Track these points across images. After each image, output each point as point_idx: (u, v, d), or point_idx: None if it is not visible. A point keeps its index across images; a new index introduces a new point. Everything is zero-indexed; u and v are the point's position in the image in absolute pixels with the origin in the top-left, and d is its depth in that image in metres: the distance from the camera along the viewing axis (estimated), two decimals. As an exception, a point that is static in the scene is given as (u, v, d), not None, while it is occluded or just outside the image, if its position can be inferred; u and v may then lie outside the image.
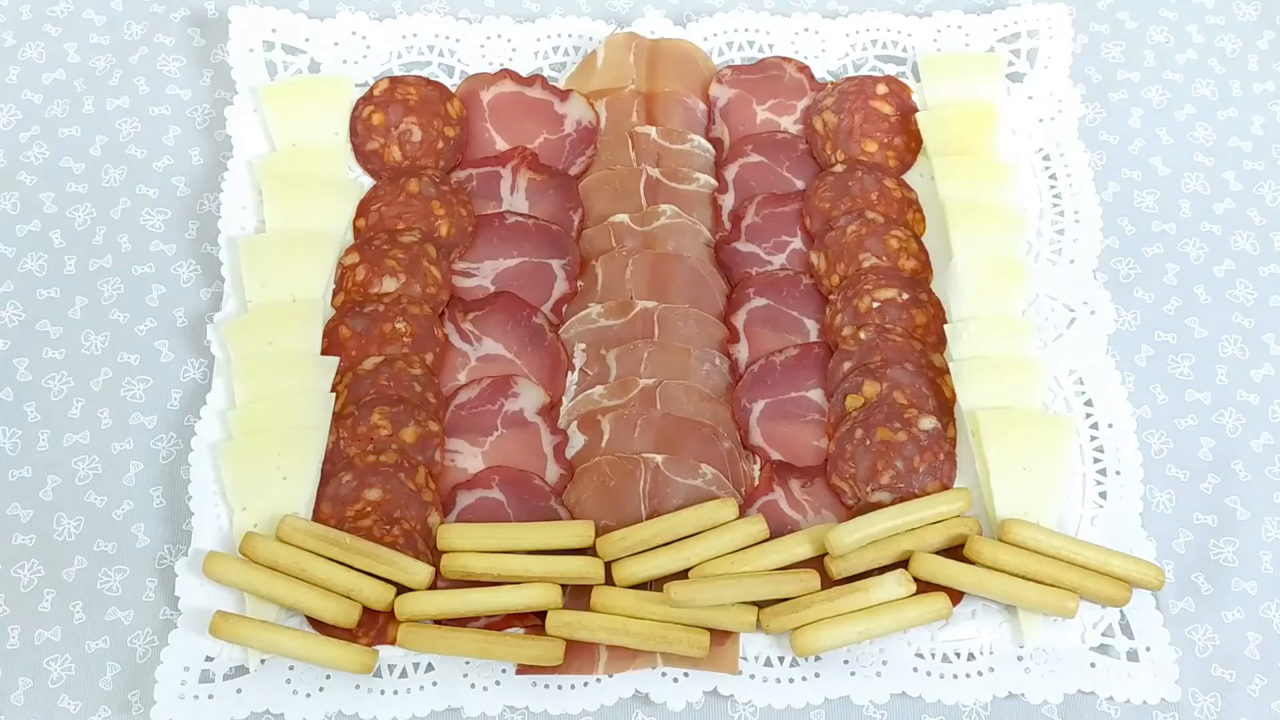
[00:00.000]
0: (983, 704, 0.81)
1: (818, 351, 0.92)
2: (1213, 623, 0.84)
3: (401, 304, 0.91)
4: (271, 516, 0.84)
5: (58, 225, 0.96)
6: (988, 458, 0.86)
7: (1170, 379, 0.92)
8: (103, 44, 1.04)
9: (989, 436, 0.86)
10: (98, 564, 0.85)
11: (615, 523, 0.85)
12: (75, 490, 0.87)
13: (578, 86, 1.02)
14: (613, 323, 0.92)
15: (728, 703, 0.81)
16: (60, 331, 0.92)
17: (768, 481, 0.88)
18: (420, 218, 0.95)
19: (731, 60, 1.04)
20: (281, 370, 0.89)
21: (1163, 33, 1.06)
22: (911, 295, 0.92)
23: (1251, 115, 1.02)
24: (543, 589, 0.81)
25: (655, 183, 0.97)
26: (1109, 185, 0.99)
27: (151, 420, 0.90)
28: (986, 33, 1.04)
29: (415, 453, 0.87)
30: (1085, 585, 0.81)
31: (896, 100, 1.01)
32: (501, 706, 0.81)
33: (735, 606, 0.81)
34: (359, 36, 1.03)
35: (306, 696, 0.80)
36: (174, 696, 0.80)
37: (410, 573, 0.82)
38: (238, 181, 0.96)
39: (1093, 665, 0.82)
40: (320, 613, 0.81)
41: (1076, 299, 0.93)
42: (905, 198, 0.97)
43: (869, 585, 0.81)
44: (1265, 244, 0.97)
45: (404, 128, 0.99)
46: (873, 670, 0.81)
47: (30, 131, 1.00)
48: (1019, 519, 0.83)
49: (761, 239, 0.96)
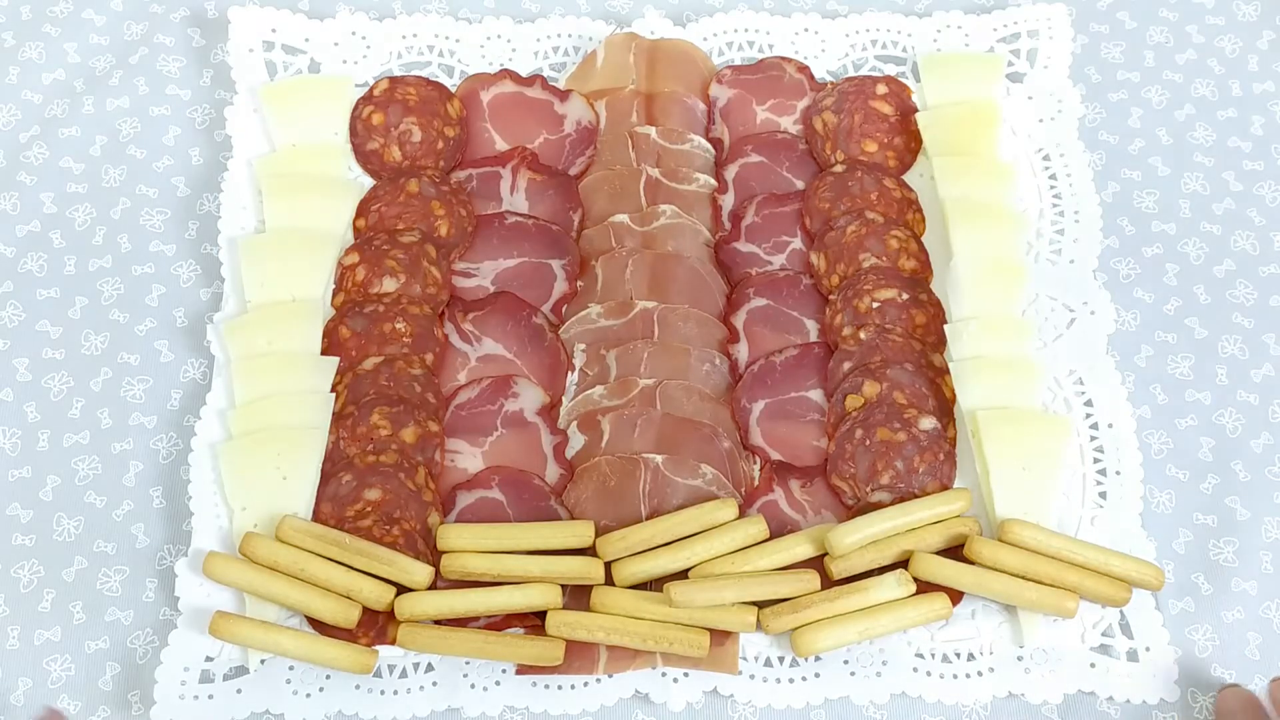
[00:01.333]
0: (982, 704, 0.81)
1: (817, 351, 0.92)
2: (1213, 623, 0.84)
3: (401, 304, 0.91)
4: (271, 516, 0.84)
5: (57, 225, 0.96)
6: (987, 458, 0.86)
7: (1170, 379, 0.92)
8: (103, 44, 1.04)
9: (989, 436, 0.86)
10: (98, 564, 0.85)
11: (615, 523, 0.85)
12: (75, 490, 0.87)
13: (578, 86, 1.02)
14: (613, 323, 0.92)
15: (728, 703, 0.81)
16: (60, 332, 0.92)
17: (767, 481, 0.88)
18: (420, 218, 0.95)
19: (731, 60, 1.04)
20: (281, 370, 0.89)
21: (1162, 33, 1.06)
22: (911, 295, 0.92)
23: (1251, 115, 1.02)
24: (542, 589, 0.81)
25: (655, 183, 0.97)
26: (1109, 185, 0.99)
27: (151, 420, 0.90)
28: (986, 33, 1.04)
29: (415, 453, 0.87)
30: (1085, 585, 0.82)
31: (896, 100, 1.01)
32: (501, 707, 0.81)
33: (735, 607, 0.81)
34: (359, 36, 1.03)
35: (306, 697, 0.80)
36: (174, 697, 0.80)
37: (410, 573, 0.82)
38: (238, 181, 0.96)
39: (1092, 665, 0.82)
40: (320, 613, 0.81)
41: (1076, 299, 0.93)
42: (905, 198, 0.97)
43: (869, 585, 0.81)
44: (1265, 244, 0.97)
45: (404, 128, 0.99)
46: (873, 670, 0.81)
47: (30, 132, 1.00)
48: (1018, 519, 0.83)
49: (761, 239, 0.96)
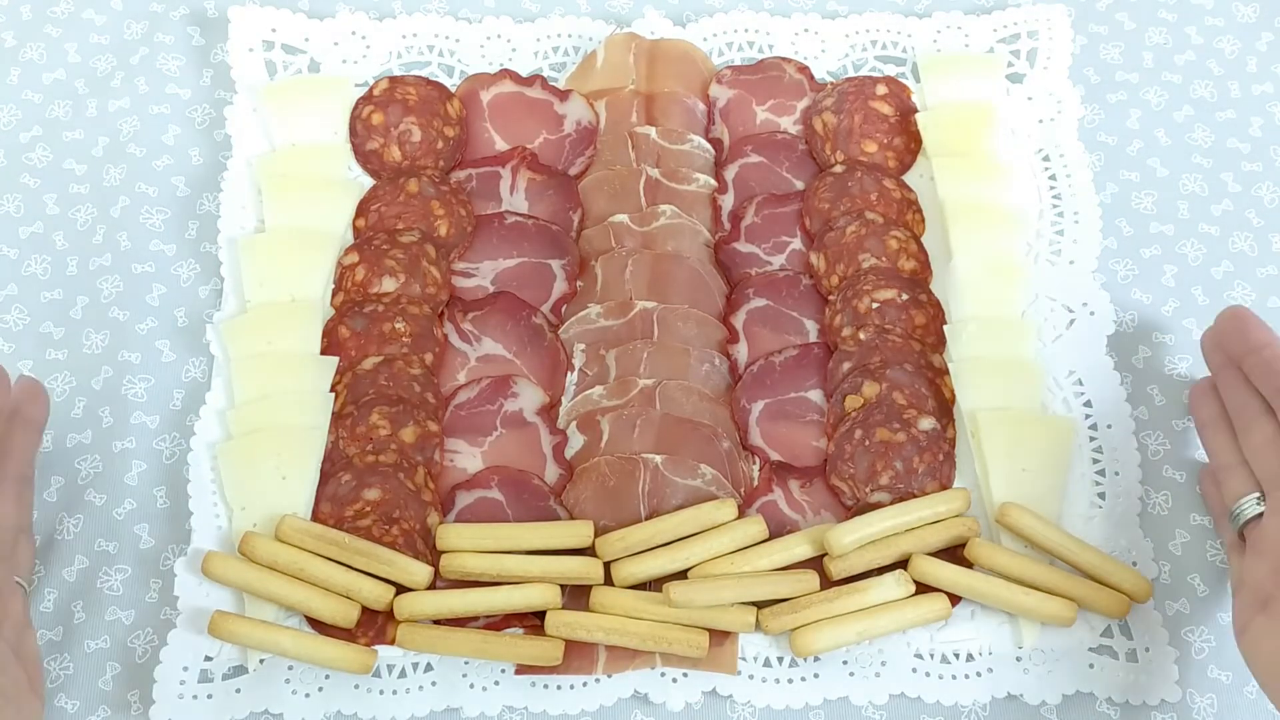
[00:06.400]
0: (981, 705, 0.81)
1: (817, 352, 0.92)
2: (1209, 624, 0.84)
3: (401, 304, 0.91)
4: (271, 516, 0.84)
5: (60, 227, 0.96)
6: (987, 458, 0.86)
7: (1168, 380, 0.92)
8: (103, 44, 1.04)
9: (988, 437, 0.87)
10: (98, 564, 0.85)
11: (614, 523, 0.85)
12: (76, 489, 0.87)
13: (578, 86, 1.02)
14: (612, 323, 0.93)
15: (727, 703, 0.82)
16: (62, 332, 0.93)
17: (767, 482, 0.88)
18: (420, 218, 0.95)
19: (731, 60, 1.04)
20: (281, 370, 0.89)
21: (1161, 34, 1.06)
22: (911, 296, 0.92)
23: (1250, 117, 1.02)
24: (542, 589, 0.81)
25: (655, 183, 0.97)
26: (1108, 186, 0.99)
27: (154, 420, 0.90)
28: (986, 33, 1.04)
29: (414, 453, 0.87)
30: (1085, 596, 0.82)
31: (896, 101, 1.01)
32: (500, 706, 0.81)
33: (734, 607, 0.81)
34: (359, 36, 1.03)
35: (305, 696, 0.80)
36: (173, 696, 0.80)
37: (409, 573, 0.82)
38: (237, 181, 0.96)
39: (1091, 666, 0.82)
40: (319, 612, 0.81)
41: (1076, 300, 0.93)
42: (905, 198, 0.97)
43: (868, 586, 0.81)
44: (1263, 245, 0.97)
45: (404, 128, 0.99)
46: (872, 671, 0.82)
47: (31, 132, 1.00)
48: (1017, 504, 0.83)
49: (761, 239, 0.96)
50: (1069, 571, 0.83)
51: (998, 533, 0.85)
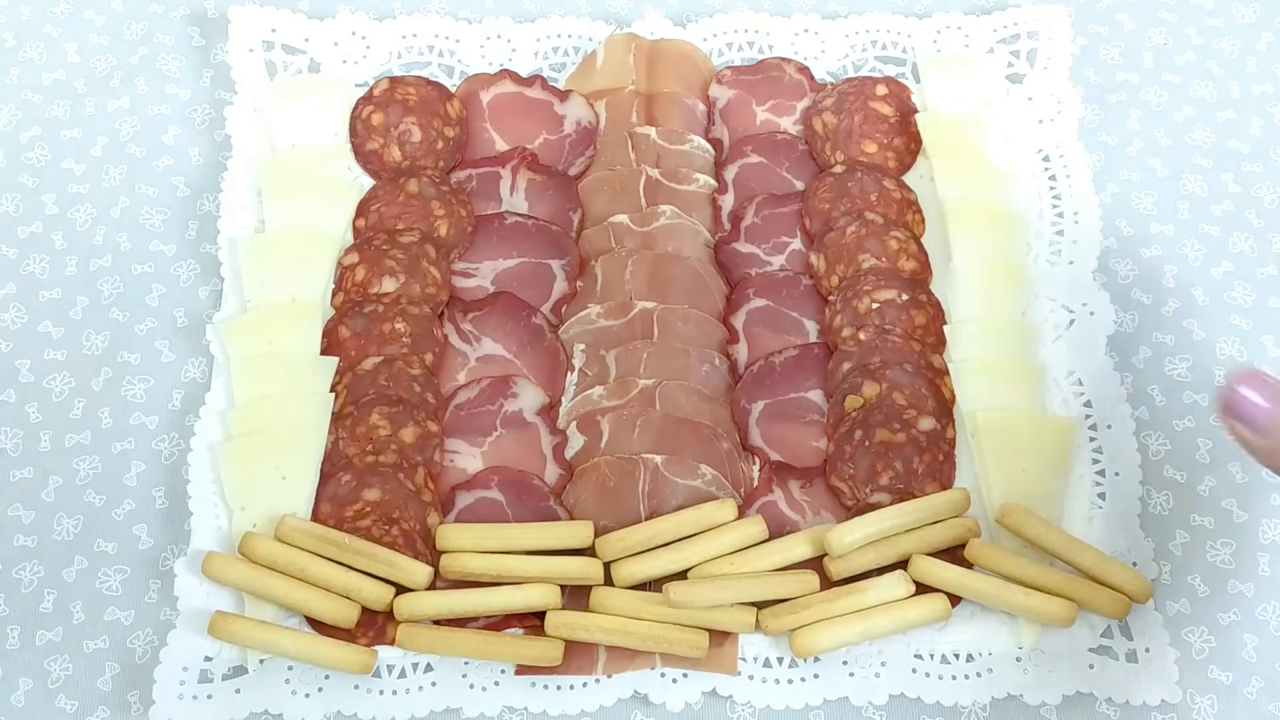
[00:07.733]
0: (981, 705, 0.81)
1: (817, 352, 0.92)
2: (1209, 624, 0.84)
3: (401, 304, 0.91)
4: (271, 516, 0.84)
5: (59, 227, 0.96)
6: (987, 459, 0.86)
7: (1168, 380, 0.92)
8: (102, 44, 1.04)
9: (988, 437, 0.87)
10: (98, 564, 0.85)
11: (614, 523, 0.85)
12: (75, 490, 0.87)
13: (578, 87, 1.02)
14: (612, 323, 0.93)
15: (727, 703, 0.82)
16: (61, 332, 0.92)
17: (767, 482, 0.88)
18: (420, 218, 0.95)
19: (731, 61, 1.04)
20: (281, 370, 0.89)
21: (1161, 34, 1.06)
22: (911, 296, 0.92)
23: (1250, 117, 1.02)
24: (542, 589, 0.81)
25: (655, 183, 0.97)
26: (1108, 187, 0.99)
27: (153, 420, 0.90)
28: (986, 34, 1.04)
29: (414, 453, 0.87)
30: (1085, 596, 0.82)
31: (896, 101, 1.01)
32: (500, 707, 0.81)
33: (734, 607, 0.81)
34: (359, 36, 1.03)
35: (305, 697, 0.80)
36: (173, 697, 0.80)
37: (409, 573, 0.82)
38: (237, 181, 0.96)
39: (1091, 666, 0.82)
40: (319, 613, 0.81)
41: (1076, 300, 0.93)
42: (905, 199, 0.97)
43: (868, 586, 0.81)
44: (1263, 246, 0.97)
45: (404, 128, 0.99)
46: (872, 671, 0.82)
47: (30, 132, 1.00)
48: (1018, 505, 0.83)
49: (761, 240, 0.96)
50: (1069, 572, 0.83)
51: (998, 533, 0.85)
